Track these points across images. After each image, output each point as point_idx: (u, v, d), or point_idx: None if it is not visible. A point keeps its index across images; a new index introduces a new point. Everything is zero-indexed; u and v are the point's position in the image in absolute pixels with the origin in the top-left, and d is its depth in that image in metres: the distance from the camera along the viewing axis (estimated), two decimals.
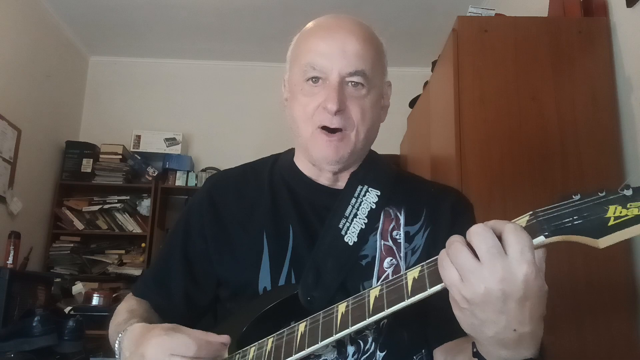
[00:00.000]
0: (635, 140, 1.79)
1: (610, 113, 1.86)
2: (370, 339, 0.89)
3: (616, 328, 1.70)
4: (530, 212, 0.62)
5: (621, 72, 1.88)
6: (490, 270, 0.59)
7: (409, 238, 0.94)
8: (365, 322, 0.69)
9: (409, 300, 0.66)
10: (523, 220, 0.62)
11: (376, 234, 0.93)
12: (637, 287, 1.73)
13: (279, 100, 1.04)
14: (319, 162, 0.94)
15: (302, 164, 1.01)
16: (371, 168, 0.98)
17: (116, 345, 0.86)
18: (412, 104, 2.96)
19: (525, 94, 1.89)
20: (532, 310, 0.61)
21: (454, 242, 0.62)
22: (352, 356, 0.88)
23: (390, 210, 0.96)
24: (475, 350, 0.69)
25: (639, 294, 1.73)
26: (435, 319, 0.88)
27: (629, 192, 0.57)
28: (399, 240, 0.93)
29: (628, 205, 0.57)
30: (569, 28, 1.95)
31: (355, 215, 0.93)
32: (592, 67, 1.90)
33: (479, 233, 0.60)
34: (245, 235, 0.96)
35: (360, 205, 0.94)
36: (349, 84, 0.90)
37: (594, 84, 1.88)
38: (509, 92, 1.90)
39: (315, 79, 0.90)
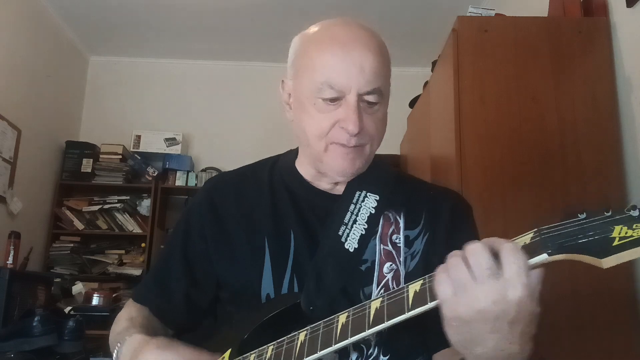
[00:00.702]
0: (635, 140, 1.79)
1: (610, 113, 1.86)
2: (373, 344, 0.88)
3: (617, 336, 1.69)
4: (535, 229, 0.62)
5: (621, 72, 1.87)
6: (485, 291, 0.59)
7: (408, 242, 0.93)
8: (364, 333, 0.69)
9: (409, 313, 0.67)
10: (527, 237, 0.62)
11: (376, 238, 0.92)
12: (639, 295, 1.73)
13: (278, 101, 1.03)
14: (333, 174, 0.93)
15: (303, 168, 1.00)
16: (369, 172, 0.97)
17: (114, 355, 0.86)
18: (412, 104, 2.96)
19: (525, 94, 1.89)
20: (522, 332, 0.61)
21: (453, 256, 0.62)
22: None
23: (390, 214, 0.95)
24: None
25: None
26: (434, 325, 0.88)
27: (635, 213, 0.57)
28: (398, 245, 0.93)
29: (634, 226, 0.57)
30: (569, 28, 1.95)
31: (355, 221, 0.92)
32: (592, 67, 1.90)
33: (475, 252, 0.61)
34: (246, 237, 0.96)
35: (359, 210, 0.93)
36: (366, 101, 0.88)
37: (594, 84, 1.88)
38: (509, 92, 1.89)
39: (333, 99, 0.88)
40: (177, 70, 4.50)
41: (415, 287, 0.68)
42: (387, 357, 0.88)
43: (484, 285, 0.59)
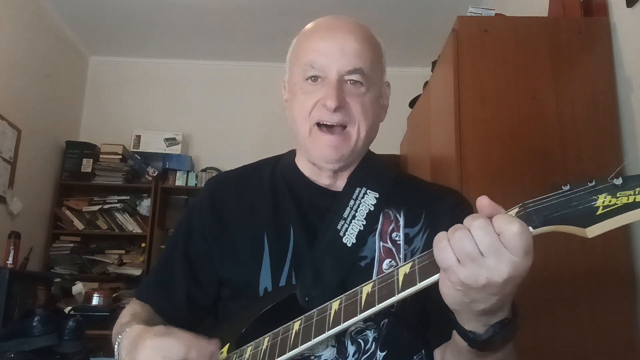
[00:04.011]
0: (635, 140, 1.79)
1: (610, 113, 1.86)
2: (370, 339, 0.89)
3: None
4: (520, 204, 0.62)
5: (621, 72, 1.87)
6: (496, 263, 0.60)
7: (408, 240, 0.94)
8: (356, 318, 0.69)
9: (399, 295, 0.67)
10: (512, 212, 0.63)
11: (375, 235, 0.93)
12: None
13: (279, 101, 1.04)
14: (319, 161, 0.94)
15: (302, 164, 1.01)
16: (370, 169, 0.99)
17: (116, 347, 0.86)
18: (412, 104, 2.96)
19: (525, 94, 1.89)
20: (518, 286, 0.64)
21: (461, 228, 0.63)
22: (353, 356, 0.88)
23: (390, 212, 0.96)
24: (455, 321, 0.71)
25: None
26: (436, 321, 0.88)
27: (618, 182, 0.57)
28: (398, 242, 0.93)
29: (617, 195, 0.56)
30: (569, 28, 1.95)
31: (354, 216, 0.93)
32: (592, 67, 1.90)
33: (481, 227, 0.61)
34: (246, 236, 0.96)
35: (358, 207, 0.94)
36: (348, 82, 0.91)
37: (594, 84, 1.88)
38: (509, 92, 1.89)
39: (315, 78, 0.91)
40: (177, 70, 4.50)
41: (405, 269, 0.69)
42: (385, 353, 0.89)
43: (493, 259, 0.60)
